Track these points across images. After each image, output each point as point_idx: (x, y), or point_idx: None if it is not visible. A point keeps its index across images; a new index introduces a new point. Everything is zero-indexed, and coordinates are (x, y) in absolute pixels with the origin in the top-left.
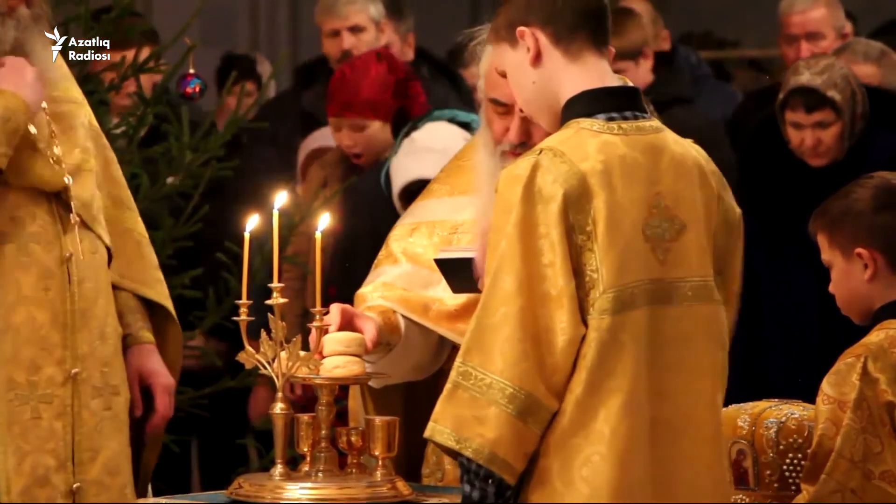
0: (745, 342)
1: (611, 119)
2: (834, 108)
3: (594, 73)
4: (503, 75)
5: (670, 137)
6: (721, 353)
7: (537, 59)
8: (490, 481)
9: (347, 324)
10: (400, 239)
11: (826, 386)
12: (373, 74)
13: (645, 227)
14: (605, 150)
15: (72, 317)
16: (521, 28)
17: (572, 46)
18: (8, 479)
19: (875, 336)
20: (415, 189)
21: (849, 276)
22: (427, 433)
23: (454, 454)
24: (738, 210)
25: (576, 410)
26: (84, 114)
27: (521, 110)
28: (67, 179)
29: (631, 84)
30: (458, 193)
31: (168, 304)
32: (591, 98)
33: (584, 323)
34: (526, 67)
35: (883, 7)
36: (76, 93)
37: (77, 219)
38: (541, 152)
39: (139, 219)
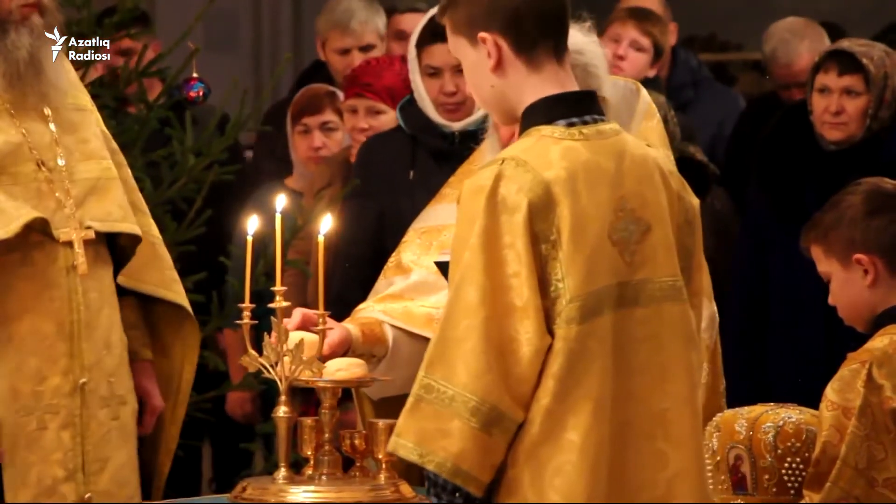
0: (746, 338)
1: (571, 125)
2: (865, 77)
3: (554, 80)
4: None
5: (629, 140)
6: (694, 353)
7: (498, 66)
8: (458, 494)
9: (306, 326)
10: (410, 245)
11: (830, 392)
12: (397, 68)
13: (611, 232)
14: (567, 156)
15: (77, 326)
16: (483, 34)
17: (534, 56)
18: (14, 489)
19: (879, 341)
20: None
21: (849, 284)
22: (390, 447)
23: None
24: (696, 202)
25: (544, 420)
26: (94, 120)
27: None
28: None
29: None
30: None
31: (185, 303)
32: (549, 104)
33: (550, 332)
34: (485, 70)
35: (886, 11)
36: (85, 99)
37: (83, 235)
38: (503, 162)
39: (152, 221)
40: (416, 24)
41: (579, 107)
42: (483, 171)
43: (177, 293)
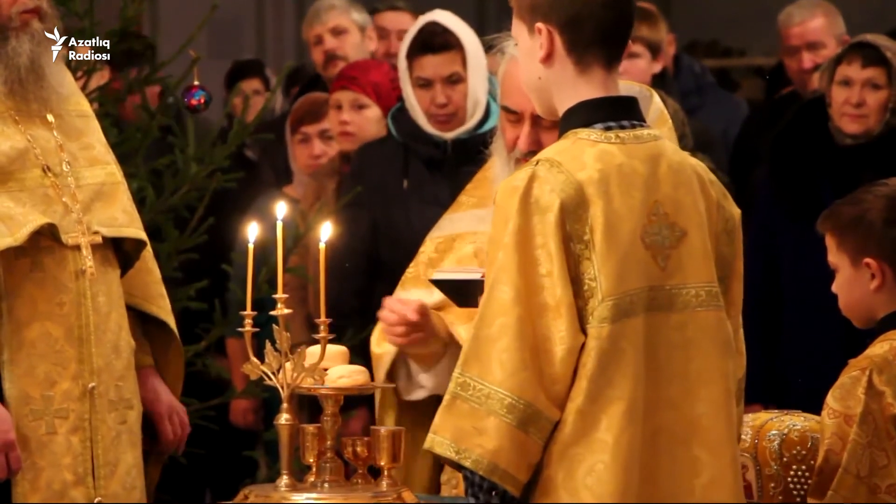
0: (762, 333)
1: (608, 128)
2: (888, 71)
3: (599, 86)
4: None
5: (668, 146)
6: (730, 361)
7: (548, 59)
8: (494, 493)
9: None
10: (427, 256)
11: (831, 400)
12: (385, 69)
13: (644, 235)
14: (602, 158)
15: (86, 331)
16: (540, 25)
17: (584, 59)
18: (24, 494)
19: (879, 348)
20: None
21: (854, 283)
22: (427, 444)
23: (456, 466)
24: (736, 212)
25: (577, 419)
26: (97, 126)
27: (532, 118)
28: (82, 236)
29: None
30: (483, 206)
31: (169, 319)
32: (588, 108)
33: (583, 331)
34: (535, 60)
35: (889, 15)
36: (86, 106)
37: (90, 240)
38: (538, 163)
39: (144, 234)
40: (395, 21)
41: (618, 111)
42: (518, 172)
43: (160, 308)
